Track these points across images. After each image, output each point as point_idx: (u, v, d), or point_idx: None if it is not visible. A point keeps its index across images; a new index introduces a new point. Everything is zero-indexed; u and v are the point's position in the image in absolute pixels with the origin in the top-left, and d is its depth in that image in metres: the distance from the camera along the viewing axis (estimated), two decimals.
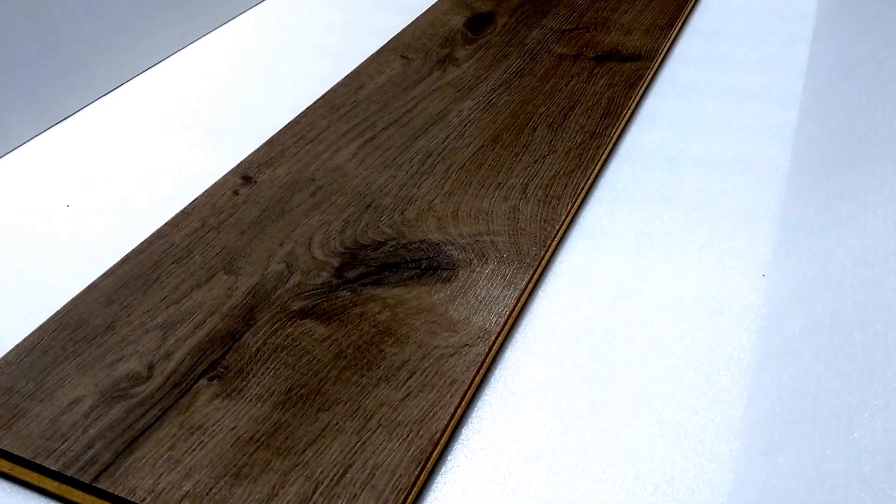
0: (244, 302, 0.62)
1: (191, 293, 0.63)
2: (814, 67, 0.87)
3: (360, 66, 0.95)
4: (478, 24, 1.03)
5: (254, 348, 0.57)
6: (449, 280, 0.62)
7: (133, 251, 0.68)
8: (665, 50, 0.92)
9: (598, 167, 0.73)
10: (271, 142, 0.82)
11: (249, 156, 0.80)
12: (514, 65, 0.91)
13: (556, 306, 0.60)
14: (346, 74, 0.95)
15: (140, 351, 0.58)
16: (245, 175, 0.77)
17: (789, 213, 0.64)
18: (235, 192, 0.74)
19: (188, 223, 0.71)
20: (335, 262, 0.65)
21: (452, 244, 0.65)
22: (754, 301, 0.58)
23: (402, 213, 0.70)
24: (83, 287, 0.66)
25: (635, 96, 0.83)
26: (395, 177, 0.74)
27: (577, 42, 0.95)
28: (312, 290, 0.62)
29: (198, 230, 0.70)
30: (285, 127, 0.85)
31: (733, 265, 0.61)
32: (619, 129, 0.78)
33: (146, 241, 0.70)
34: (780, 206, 0.67)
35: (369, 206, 0.71)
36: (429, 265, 0.63)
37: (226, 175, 0.77)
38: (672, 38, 0.95)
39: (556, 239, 0.65)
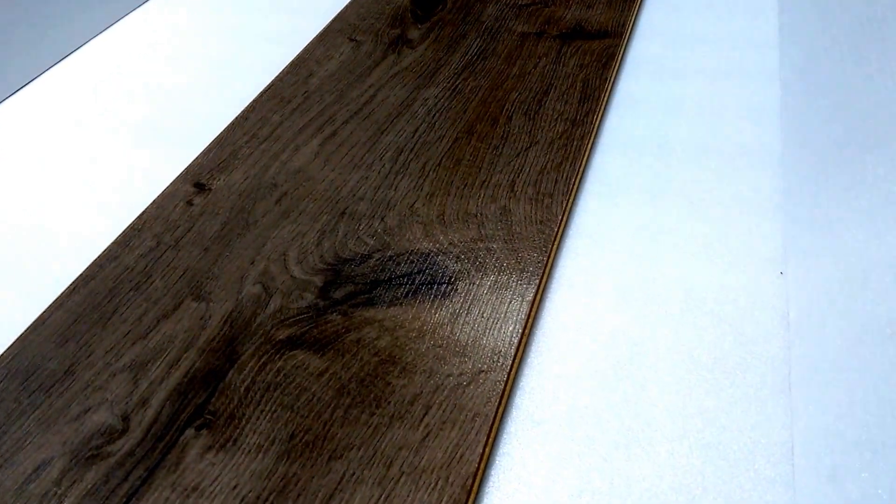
0: (221, 333, 0.55)
1: (158, 325, 0.56)
2: (787, 40, 0.85)
3: (304, 51, 0.88)
4: (426, 0, 0.96)
5: (242, 388, 0.51)
6: (448, 295, 0.57)
7: (81, 277, 0.60)
8: (631, 25, 0.89)
9: (585, 158, 0.69)
10: (220, 142, 0.74)
11: (198, 158, 0.72)
12: (474, 46, 0.86)
13: (568, 318, 0.56)
14: (289, 61, 0.87)
15: (110, 399, 0.51)
16: (197, 182, 0.69)
17: (795, 202, 0.62)
18: (189, 203, 0.67)
19: (141, 241, 0.63)
20: (318, 281, 0.58)
21: (445, 254, 0.60)
22: (778, 304, 0.55)
23: (383, 219, 0.64)
24: (28, 323, 0.57)
25: (610, 77, 0.79)
26: (366, 178, 0.68)
27: (538, 18, 0.90)
28: (297, 314, 0.56)
29: (153, 249, 0.62)
30: (233, 123, 0.77)
31: (747, 262, 0.59)
32: (599, 115, 0.74)
33: (95, 263, 0.61)
34: (782, 194, 0.65)
35: (344, 213, 0.65)
36: (423, 279, 0.58)
37: (174, 182, 0.69)
38: (636, 11, 0.91)
39: (556, 242, 0.61)
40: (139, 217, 0.66)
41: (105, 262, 0.61)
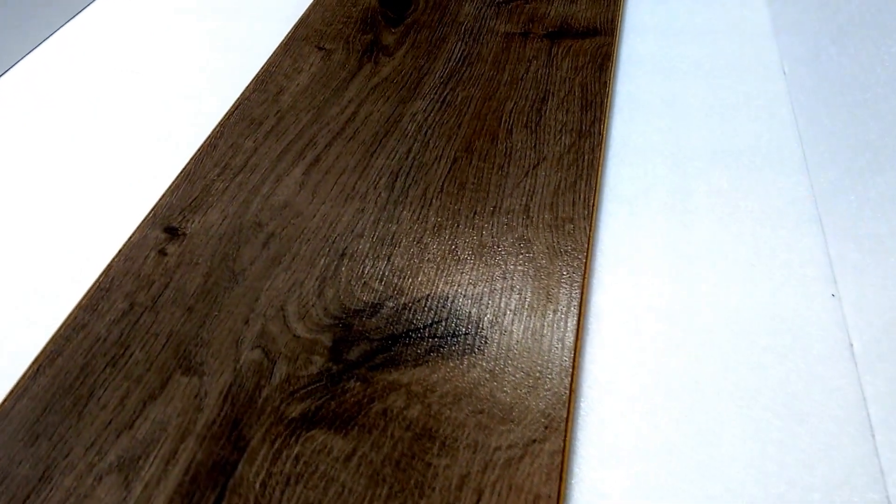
0: (222, 414, 0.47)
1: (144, 410, 0.48)
2: (782, 29, 0.80)
3: (269, 63, 0.79)
4: (395, 0, 0.89)
5: (257, 484, 0.44)
6: (478, 348, 0.50)
7: (45, 354, 0.51)
8: (619, 21, 0.83)
9: (599, 174, 0.63)
10: (188, 175, 0.65)
11: (165, 196, 0.63)
12: (456, 50, 0.79)
13: (614, 363, 0.50)
14: (253, 74, 0.78)
15: None
16: (168, 226, 0.60)
17: (831, 210, 0.58)
18: (162, 252, 0.58)
19: (111, 303, 0.54)
20: (326, 340, 0.51)
21: (466, 297, 0.53)
22: (838, 333, 0.50)
23: (389, 259, 0.57)
24: None
25: (609, 80, 0.73)
26: (362, 210, 0.61)
27: (520, 16, 0.83)
28: (309, 384, 0.49)
29: (127, 313, 0.54)
30: (200, 152, 0.68)
31: (794, 284, 0.54)
32: (605, 124, 0.68)
33: (60, 335, 0.53)
34: (815, 202, 0.60)
35: (343, 253, 0.57)
36: (447, 330, 0.51)
37: (141, 227, 0.61)
38: (622, 5, 0.85)
39: (586, 274, 0.55)
40: (105, 273, 0.57)
41: (71, 332, 0.53)
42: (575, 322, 0.51)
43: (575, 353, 0.50)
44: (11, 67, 0.84)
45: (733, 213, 0.60)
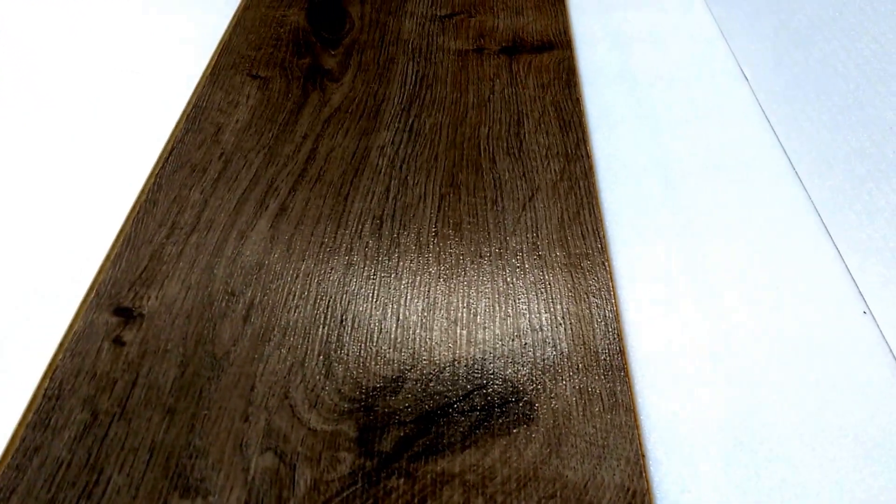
0: None
1: None
2: (728, 30, 0.79)
3: (197, 97, 0.69)
4: (325, 17, 0.80)
5: None
6: (530, 418, 0.44)
7: None
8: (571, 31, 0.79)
9: (598, 201, 0.58)
10: (129, 240, 0.55)
11: (105, 269, 0.53)
12: (409, 71, 0.72)
13: (669, 413, 0.45)
14: (181, 110, 0.68)
15: None
16: (118, 307, 0.50)
17: (838, 225, 0.56)
18: (118, 341, 0.48)
19: (67, 416, 0.44)
20: (350, 430, 0.43)
21: (496, 356, 0.47)
22: (884, 356, 0.48)
23: (397, 320, 0.49)
24: None
25: (580, 97, 0.68)
26: (351, 264, 0.53)
27: (468, 31, 0.78)
28: (343, 489, 0.41)
29: (91, 426, 0.44)
30: (138, 210, 0.58)
31: (822, 303, 0.51)
32: (589, 145, 0.63)
33: (9, 465, 0.42)
34: (816, 216, 0.58)
35: (343, 319, 0.49)
36: (488, 400, 0.45)
37: (86, 312, 0.50)
38: (569, 15, 0.81)
39: (618, 316, 0.50)
40: (48, 376, 0.46)
41: (23, 459, 0.42)
42: (623, 374, 0.46)
43: (634, 413, 0.44)
44: None
45: (737, 229, 0.57)
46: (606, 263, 0.53)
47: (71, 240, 0.57)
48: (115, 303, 0.50)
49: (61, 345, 0.48)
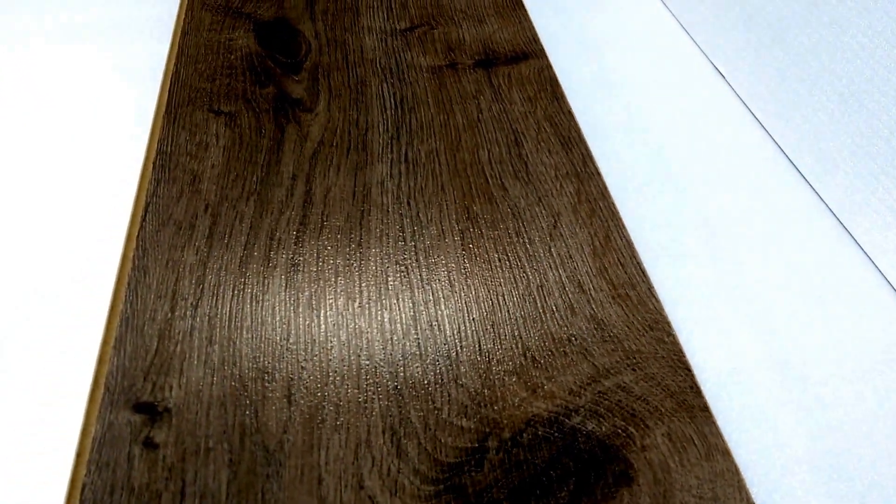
0: None
1: None
2: (696, 31, 0.79)
3: (159, 142, 0.61)
4: (276, 39, 0.74)
5: None
6: (629, 479, 0.41)
7: None
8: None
9: (622, 223, 0.56)
10: (126, 319, 0.48)
11: (113, 359, 0.46)
12: (386, 94, 0.67)
13: (753, 450, 0.44)
14: (141, 159, 0.60)
15: None
16: (138, 401, 0.44)
17: (860, 226, 0.56)
18: (150, 444, 0.42)
19: None
20: None
21: (574, 411, 0.44)
22: None
23: (457, 382, 0.45)
24: None
25: (570, 109, 0.66)
26: (389, 320, 0.49)
27: (434, 45, 0.73)
28: None
29: None
30: (129, 281, 0.50)
31: (870, 312, 0.51)
32: (594, 161, 0.61)
33: None
34: (832, 217, 0.58)
35: (399, 388, 0.45)
36: (579, 463, 0.42)
37: (100, 414, 0.43)
38: (531, 21, 0.78)
39: (680, 350, 0.48)
40: (80, 500, 0.39)
41: None
42: (708, 414, 0.44)
43: (728, 454, 0.43)
44: None
45: (766, 243, 0.56)
46: (651, 290, 0.51)
47: (60, 319, 0.49)
48: (133, 398, 0.44)
49: (79, 455, 0.41)
